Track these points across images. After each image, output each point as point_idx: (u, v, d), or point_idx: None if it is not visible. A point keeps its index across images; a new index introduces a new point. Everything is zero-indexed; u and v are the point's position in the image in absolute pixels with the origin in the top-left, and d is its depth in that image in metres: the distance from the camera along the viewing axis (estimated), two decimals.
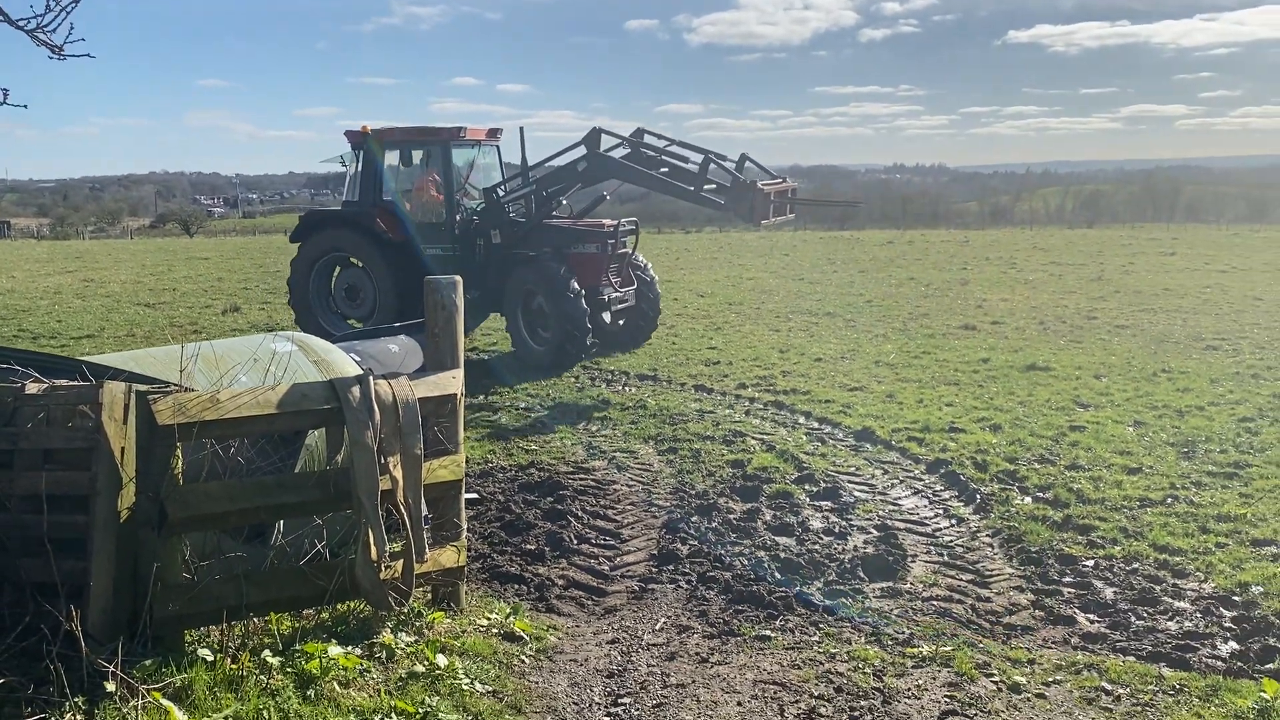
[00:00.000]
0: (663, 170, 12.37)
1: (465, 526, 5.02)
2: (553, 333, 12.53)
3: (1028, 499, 7.36)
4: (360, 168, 14.01)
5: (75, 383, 4.17)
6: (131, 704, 3.38)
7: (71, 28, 2.58)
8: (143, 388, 4.05)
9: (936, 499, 7.49)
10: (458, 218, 13.65)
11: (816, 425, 9.86)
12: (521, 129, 13.70)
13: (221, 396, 4.13)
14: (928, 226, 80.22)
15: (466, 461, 8.02)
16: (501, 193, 13.44)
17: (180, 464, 4.07)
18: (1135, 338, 14.91)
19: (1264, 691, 4.19)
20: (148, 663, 3.69)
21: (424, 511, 4.66)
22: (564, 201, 13.46)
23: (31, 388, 4.13)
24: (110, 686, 3.49)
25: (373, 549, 4.32)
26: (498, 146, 14.55)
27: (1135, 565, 6.03)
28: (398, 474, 4.45)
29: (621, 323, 13.95)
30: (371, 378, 4.49)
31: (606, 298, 13.14)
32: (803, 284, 23.05)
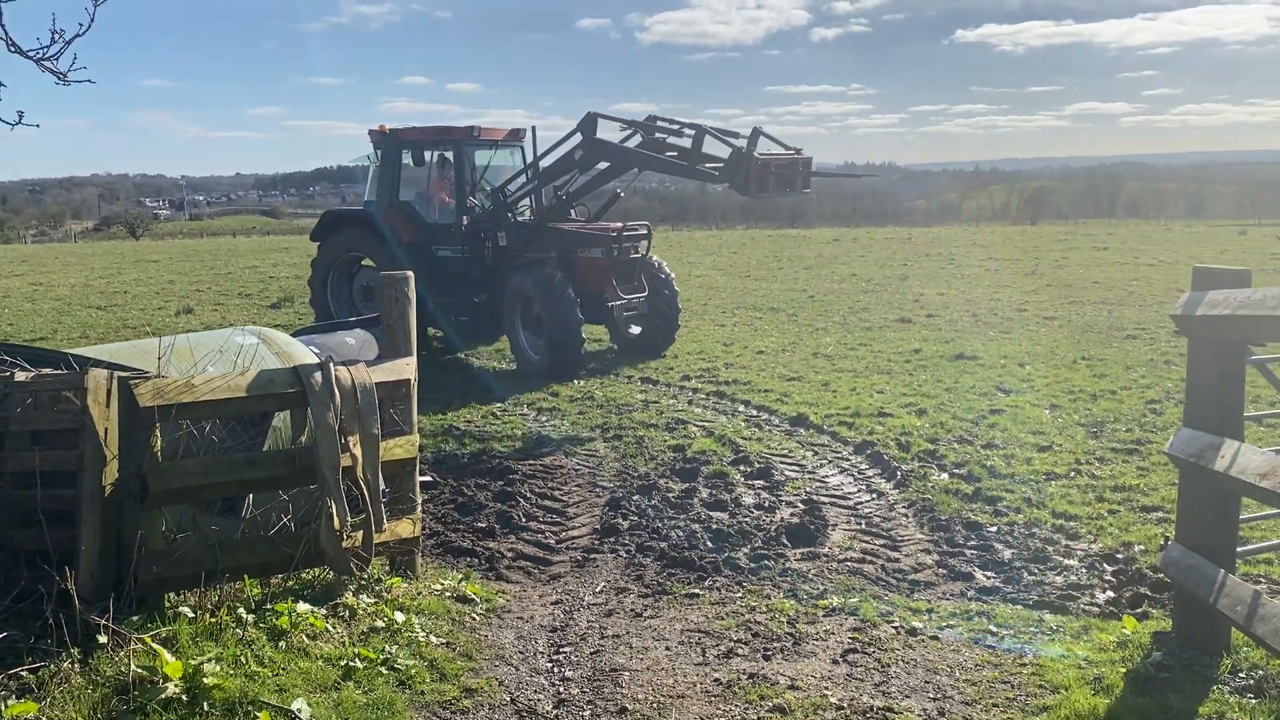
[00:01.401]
0: (670, 154, 12.07)
1: (420, 501, 5.48)
2: (547, 341, 12.13)
3: (944, 475, 7.95)
4: (379, 168, 14.02)
5: (61, 371, 4.57)
6: (123, 651, 3.81)
7: (75, 57, 2.99)
8: (124, 374, 4.47)
9: (861, 476, 8.06)
10: (466, 219, 13.46)
11: (755, 413, 10.41)
12: (533, 128, 13.55)
13: (196, 381, 4.56)
14: (876, 224, 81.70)
15: (422, 449, 8.49)
16: (507, 193, 13.22)
17: (159, 443, 4.49)
18: (1061, 328, 15.68)
19: (1124, 628, 4.79)
20: (134, 619, 4.10)
21: (381, 486, 5.12)
22: (560, 196, 13.03)
23: (20, 376, 4.52)
24: (102, 639, 3.91)
25: (335, 519, 4.76)
26: (521, 147, 14.19)
27: (1034, 530, 6.64)
28: (357, 452, 4.90)
29: (639, 330, 13.63)
30: (332, 364, 4.93)
31: (610, 305, 12.63)
32: (749, 280, 23.68)
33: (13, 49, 2.92)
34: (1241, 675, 4.19)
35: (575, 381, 11.98)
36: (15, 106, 3.12)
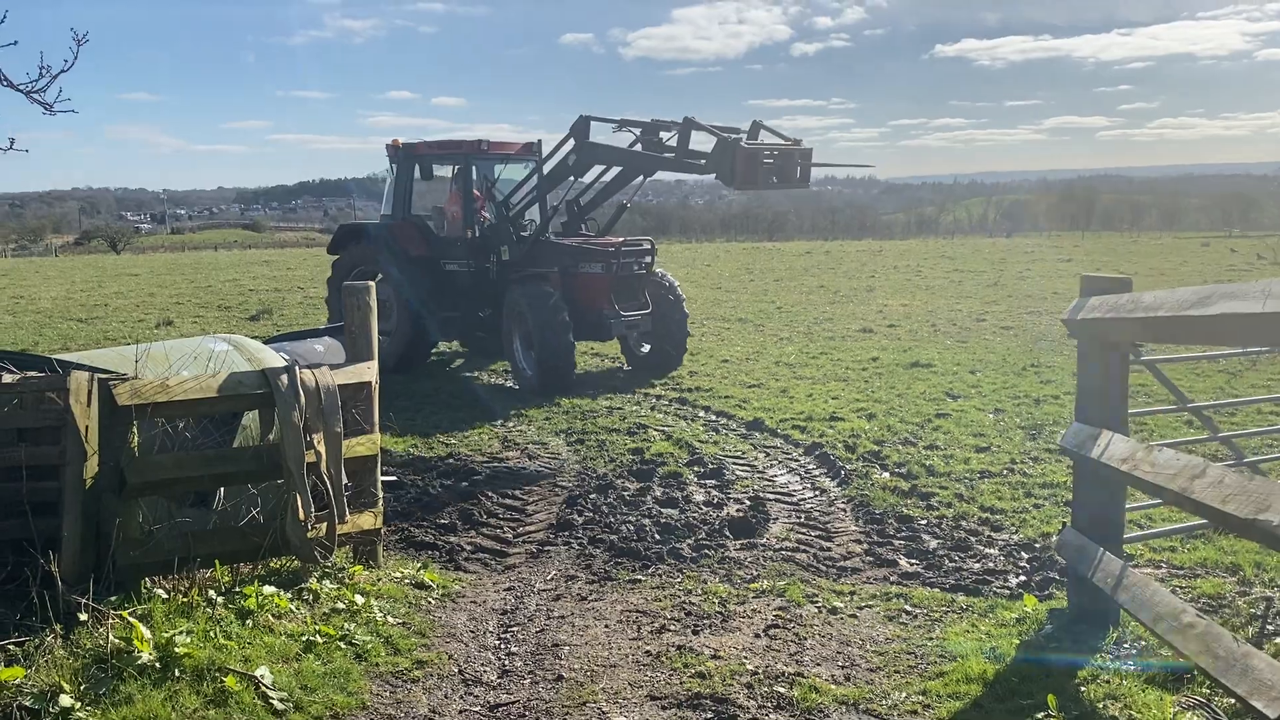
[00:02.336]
0: (666, 154, 11.74)
1: (381, 495, 5.87)
2: (537, 358, 11.93)
3: (885, 474, 8.39)
4: (393, 182, 14.18)
5: (45, 373, 4.95)
6: (102, 627, 4.19)
7: (60, 90, 3.39)
8: (104, 375, 4.86)
9: (807, 475, 8.49)
10: (470, 233, 13.48)
11: (714, 418, 10.83)
12: (540, 141, 13.56)
13: (171, 383, 4.95)
14: (854, 237, 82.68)
15: (393, 452, 8.88)
16: (510, 206, 13.14)
17: (136, 439, 4.88)
18: (1016, 337, 16.20)
19: (1025, 606, 5.23)
20: (113, 599, 4.48)
21: (344, 481, 5.52)
22: (574, 208, 13.00)
23: (6, 378, 4.90)
24: (83, 616, 4.29)
25: (300, 511, 5.15)
26: (535, 161, 13.86)
27: (961, 522, 7.08)
28: (321, 449, 5.30)
29: (647, 348, 13.45)
30: (297, 367, 5.33)
31: (610, 322, 12.42)
32: (719, 292, 24.16)
33: (5, 84, 3.32)
34: (1126, 646, 4.63)
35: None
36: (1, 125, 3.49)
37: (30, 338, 17.67)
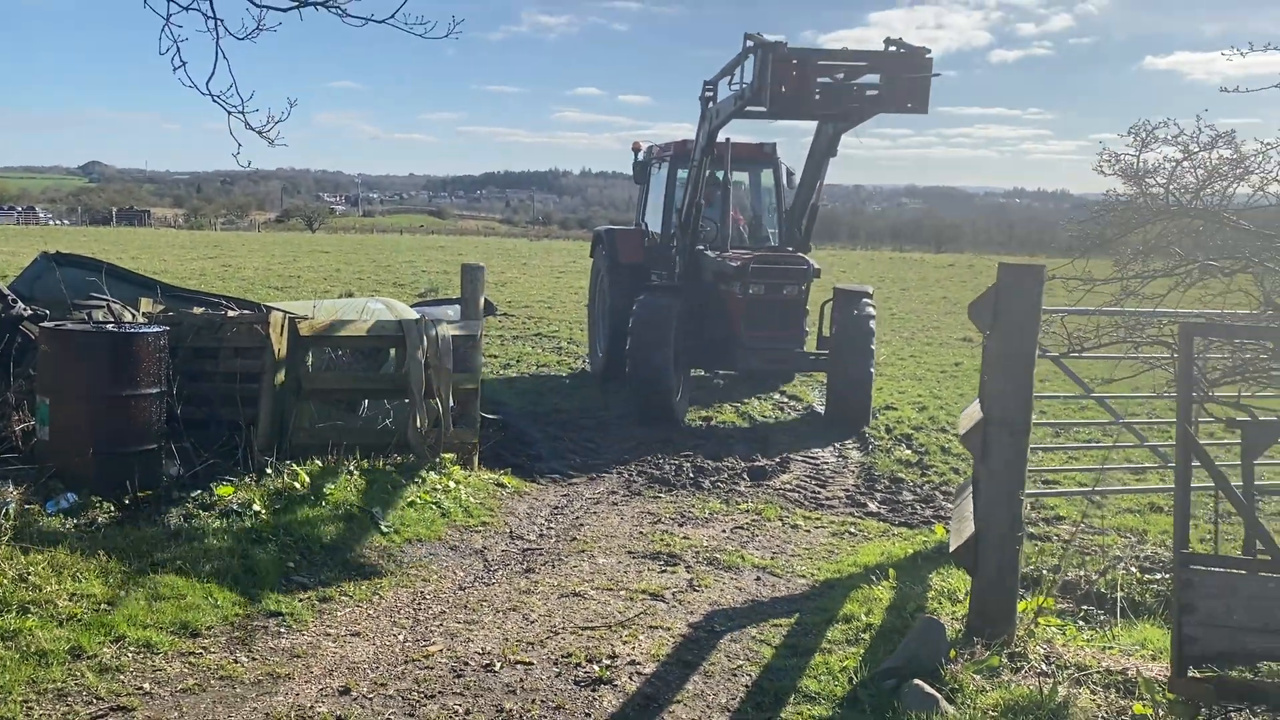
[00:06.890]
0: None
1: (479, 419, 8.00)
2: (630, 379, 10.81)
3: (907, 451, 9.98)
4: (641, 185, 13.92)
5: (255, 312, 7.30)
6: (280, 476, 6.44)
7: (279, 133, 5.57)
8: (292, 315, 7.16)
9: (840, 447, 10.17)
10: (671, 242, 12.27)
11: (786, 400, 12.55)
12: (775, 144, 12.62)
13: (335, 323, 7.21)
14: (1030, 253, 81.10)
15: (508, 406, 11.02)
16: (683, 213, 11.64)
17: (310, 360, 7.16)
18: None
19: (936, 533, 6.88)
20: (287, 462, 6.75)
21: (451, 404, 7.66)
22: (696, 210, 11.36)
23: (231, 313, 7.28)
24: (269, 470, 6.56)
25: (418, 421, 7.34)
26: (774, 165, 12.72)
27: (942, 486, 8.66)
28: (436, 380, 7.47)
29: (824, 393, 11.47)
30: (423, 320, 7.52)
31: (735, 352, 11.04)
32: None
33: (248, 128, 5.56)
34: None
35: None
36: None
37: None
